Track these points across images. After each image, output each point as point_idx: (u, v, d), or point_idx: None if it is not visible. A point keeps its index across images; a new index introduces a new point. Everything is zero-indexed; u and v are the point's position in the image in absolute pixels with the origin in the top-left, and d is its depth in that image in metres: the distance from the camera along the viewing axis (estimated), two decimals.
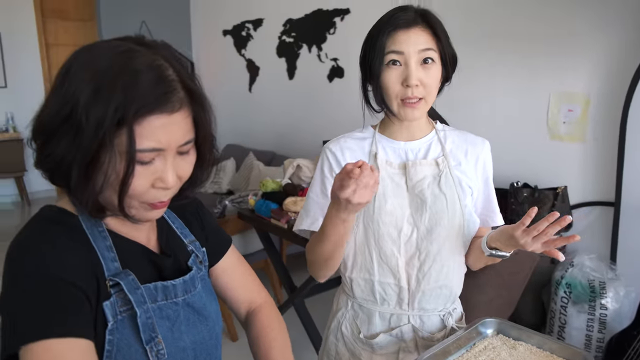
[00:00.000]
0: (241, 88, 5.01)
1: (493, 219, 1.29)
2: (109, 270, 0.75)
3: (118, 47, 0.70)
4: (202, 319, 0.86)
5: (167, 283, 0.81)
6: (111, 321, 0.73)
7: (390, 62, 1.11)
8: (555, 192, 2.58)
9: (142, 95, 0.66)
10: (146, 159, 0.70)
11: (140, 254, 0.82)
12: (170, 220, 0.92)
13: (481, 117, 2.97)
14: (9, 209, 5.90)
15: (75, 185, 0.69)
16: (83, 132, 0.66)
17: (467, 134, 1.27)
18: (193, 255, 0.90)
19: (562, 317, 2.49)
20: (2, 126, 5.82)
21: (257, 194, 2.87)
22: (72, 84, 0.67)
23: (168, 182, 0.72)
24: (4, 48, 5.79)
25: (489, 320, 1.21)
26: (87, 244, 0.75)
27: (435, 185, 1.18)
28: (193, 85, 0.74)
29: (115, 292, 0.74)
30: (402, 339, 1.24)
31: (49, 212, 0.77)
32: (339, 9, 3.84)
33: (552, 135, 2.71)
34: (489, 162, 1.27)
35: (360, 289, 1.24)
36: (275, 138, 4.63)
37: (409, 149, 1.22)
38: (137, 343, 0.75)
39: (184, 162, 0.76)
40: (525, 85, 2.77)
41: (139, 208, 0.75)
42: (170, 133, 0.70)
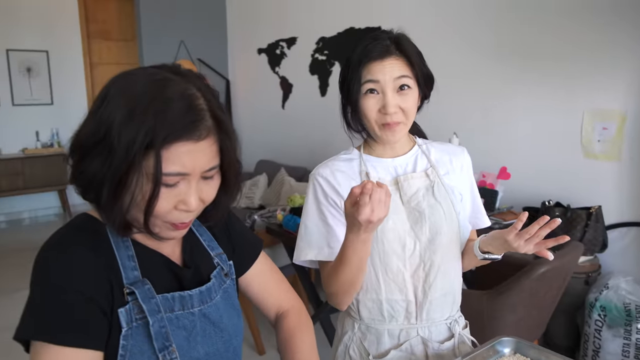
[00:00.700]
0: (274, 105, 5.11)
1: (482, 220, 1.33)
2: (127, 279, 0.78)
3: (154, 75, 0.74)
4: (218, 331, 0.87)
5: (184, 293, 0.83)
6: (125, 327, 0.76)
7: (367, 91, 1.14)
8: (588, 211, 2.51)
9: (172, 123, 0.70)
10: (171, 182, 0.73)
11: (162, 265, 0.85)
12: (198, 233, 0.94)
13: (514, 135, 2.94)
14: (53, 220, 6.16)
15: (104, 202, 0.73)
16: (115, 153, 0.70)
17: (445, 144, 1.31)
18: (218, 268, 0.92)
19: (596, 341, 2.40)
20: (48, 141, 6.08)
21: (285, 209, 2.91)
22: (108, 107, 0.71)
23: (191, 205, 0.76)
24: (52, 67, 6.08)
25: (506, 339, 1.19)
26: (109, 252, 0.79)
27: (430, 195, 1.20)
28: (221, 115, 0.77)
29: (132, 300, 0.77)
30: (412, 352, 1.24)
31: (79, 220, 0.82)
32: (370, 27, 3.89)
33: (586, 153, 2.65)
34: (470, 168, 1.31)
35: (368, 310, 1.24)
36: (307, 154, 4.68)
37: (397, 164, 1.24)
38: (150, 350, 0.77)
39: (208, 187, 0.79)
40: (559, 103, 2.73)
41: (162, 227, 0.78)
42: (196, 159, 0.73)
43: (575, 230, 2.51)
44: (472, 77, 3.07)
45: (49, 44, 6.01)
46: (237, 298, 0.96)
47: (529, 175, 2.86)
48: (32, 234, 5.57)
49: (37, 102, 6.01)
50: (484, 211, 1.34)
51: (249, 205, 4.47)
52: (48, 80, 6.06)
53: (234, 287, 0.96)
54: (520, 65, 2.88)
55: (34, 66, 5.93)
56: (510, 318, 1.98)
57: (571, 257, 2.03)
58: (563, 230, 2.56)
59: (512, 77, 2.92)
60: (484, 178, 2.76)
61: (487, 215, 1.35)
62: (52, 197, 6.35)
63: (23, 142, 5.97)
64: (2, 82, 5.76)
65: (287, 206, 2.87)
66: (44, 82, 6.02)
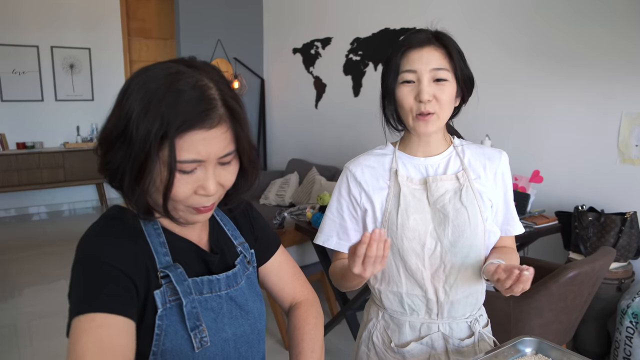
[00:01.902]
0: (308, 104, 5.16)
1: (514, 227, 1.31)
2: (160, 263, 0.84)
3: (169, 69, 0.78)
4: (243, 313, 0.93)
5: (212, 277, 0.89)
6: (160, 308, 0.82)
7: (404, 82, 1.16)
8: (623, 217, 2.46)
9: (184, 113, 0.74)
10: (187, 168, 0.78)
11: (191, 251, 0.91)
12: (222, 222, 1.00)
13: (548, 138, 2.90)
14: (90, 213, 6.38)
15: (127, 189, 0.79)
16: (134, 144, 0.75)
17: (484, 147, 1.29)
18: (241, 256, 0.98)
19: (627, 348, 2.35)
20: (88, 136, 6.29)
21: (315, 207, 2.95)
22: (127, 102, 0.77)
23: (209, 190, 0.80)
24: (93, 64, 6.28)
25: (528, 339, 1.20)
26: (143, 239, 0.85)
27: (456, 199, 1.20)
28: (234, 104, 0.81)
29: (166, 283, 0.83)
30: (433, 346, 1.26)
31: (113, 211, 0.89)
32: (405, 28, 3.90)
33: (623, 158, 2.59)
34: (508, 174, 1.28)
35: (389, 301, 1.28)
36: (339, 154, 4.72)
37: (428, 164, 1.25)
38: (183, 329, 0.83)
39: (226, 172, 0.83)
40: (596, 106, 2.69)
41: (185, 211, 0.83)
42: (210, 146, 0.78)
43: (609, 236, 2.47)
44: (505, 79, 3.05)
45: (91, 41, 6.20)
46: (258, 285, 1.02)
47: (563, 179, 2.82)
48: (71, 225, 5.79)
49: (78, 97, 6.21)
50: (516, 218, 1.32)
51: (280, 203, 4.54)
52: (89, 76, 6.25)
53: (255, 274, 1.02)
54: (555, 68, 2.84)
55: (76, 63, 6.14)
56: (537, 322, 1.97)
57: (603, 263, 2.00)
58: (596, 236, 2.52)
59: (547, 80, 2.88)
60: (515, 181, 2.74)
61: (520, 223, 1.33)
62: (90, 190, 6.57)
63: (64, 136, 6.20)
64: (47, 78, 5.99)
65: (317, 204, 2.91)
66: (85, 78, 6.22)
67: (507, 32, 3.07)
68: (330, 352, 2.97)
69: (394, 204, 1.23)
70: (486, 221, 1.22)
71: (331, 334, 3.04)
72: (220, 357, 0.89)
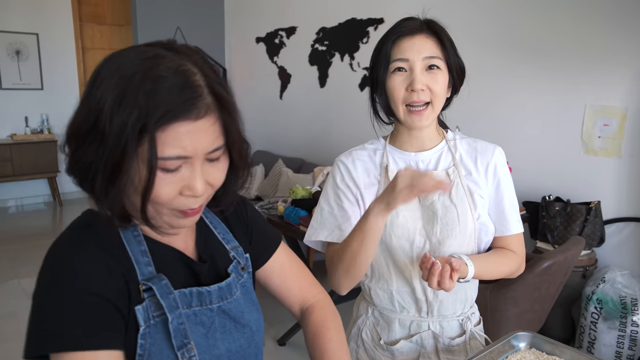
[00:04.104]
0: (272, 95, 5.08)
1: (507, 227, 1.22)
2: (142, 275, 0.75)
3: (145, 52, 0.69)
4: (239, 327, 0.84)
5: (202, 289, 0.80)
6: (143, 325, 0.73)
7: (395, 70, 1.13)
8: (588, 206, 2.55)
9: (165, 102, 0.65)
10: (171, 166, 0.68)
11: (176, 260, 0.81)
12: (212, 225, 0.90)
13: (515, 130, 2.96)
14: (42, 208, 6.06)
15: (99, 191, 0.69)
16: (107, 139, 0.65)
17: (478, 141, 1.24)
18: (235, 262, 0.88)
19: (592, 332, 2.45)
20: (37, 127, 5.97)
21: (287, 201, 2.91)
22: (98, 91, 0.67)
23: (196, 190, 0.71)
24: (42, 51, 5.96)
25: (521, 334, 1.21)
26: (121, 249, 0.75)
27: (446, 196, 1.17)
28: (221, 91, 0.72)
29: (149, 297, 0.74)
30: (422, 345, 1.25)
31: (85, 217, 0.78)
32: (373, 18, 3.88)
33: (586, 149, 2.68)
34: (502, 168, 1.21)
35: (379, 298, 1.26)
36: (305, 145, 4.68)
37: (419, 159, 1.22)
38: (169, 348, 0.74)
39: (214, 169, 0.74)
40: (561, 98, 2.76)
41: (170, 215, 0.74)
42: (197, 140, 0.68)
43: (575, 225, 2.55)
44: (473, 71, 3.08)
45: (39, 26, 5.89)
46: (254, 293, 0.93)
47: (530, 169, 2.89)
48: (21, 222, 5.51)
49: (26, 86, 5.91)
50: (511, 217, 1.22)
51: (245, 196, 4.47)
52: (38, 64, 5.96)
53: (251, 281, 0.93)
54: (522, 61, 2.89)
55: (23, 49, 5.83)
56: (513, 311, 2.01)
57: (574, 252, 2.06)
58: (563, 225, 2.60)
59: (514, 73, 2.93)
60: None
61: (518, 223, 1.23)
62: (41, 184, 6.26)
63: (11, 127, 5.87)
64: None
65: (289, 198, 2.87)
66: (33, 66, 5.92)
67: (476, 25, 3.10)
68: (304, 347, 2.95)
69: None
70: (478, 219, 1.19)
71: None
72: None
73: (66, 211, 5.94)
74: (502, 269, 1.23)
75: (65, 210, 5.96)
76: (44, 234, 5.04)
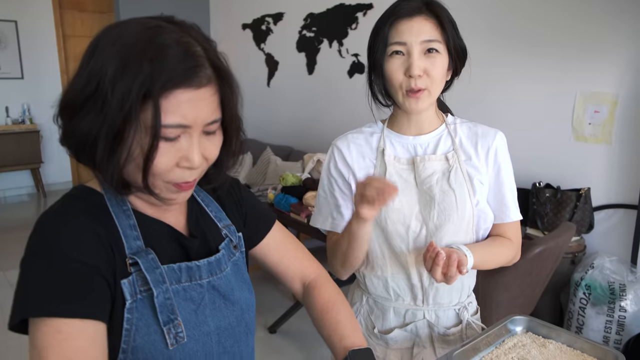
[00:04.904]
0: (259, 82, 5.02)
1: (506, 214, 1.20)
2: (130, 249, 0.74)
3: (147, 23, 0.70)
4: (228, 304, 0.84)
5: (192, 264, 0.80)
6: (129, 300, 0.73)
7: (393, 53, 1.09)
8: (578, 193, 2.56)
9: (169, 69, 0.66)
10: (171, 135, 0.69)
11: (167, 235, 0.81)
12: (204, 203, 0.90)
13: (505, 115, 2.96)
14: (25, 200, 5.95)
15: (100, 160, 0.69)
16: (109, 105, 0.66)
17: (479, 125, 1.22)
18: (227, 240, 0.88)
19: (580, 318, 2.47)
20: (19, 117, 5.84)
21: (277, 188, 2.88)
22: (99, 58, 0.67)
23: (194, 162, 0.72)
24: (21, 39, 5.82)
25: (518, 318, 1.20)
26: (110, 222, 0.75)
27: (444, 181, 1.15)
28: (220, 64, 0.74)
29: (136, 271, 0.74)
30: (417, 334, 1.23)
31: (76, 190, 0.78)
32: (361, 3, 3.83)
33: (576, 136, 2.69)
34: (502, 153, 1.19)
35: (374, 285, 1.24)
36: (294, 133, 4.64)
37: (417, 143, 1.19)
38: (155, 324, 0.74)
39: (210, 143, 0.75)
40: (552, 85, 2.75)
41: (164, 189, 0.74)
42: (197, 109, 0.70)
43: (565, 212, 2.56)
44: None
45: (17, 13, 5.76)
46: (247, 272, 0.92)
47: (520, 156, 2.89)
48: (4, 214, 5.41)
49: (6, 75, 5.79)
50: (511, 204, 1.20)
51: None
52: (17, 52, 5.84)
53: (243, 260, 0.92)
54: (513, 48, 2.88)
55: (1, 37, 5.71)
56: (504, 296, 2.02)
57: (565, 238, 2.07)
58: (553, 212, 2.61)
59: (504, 60, 2.92)
60: None
61: (516, 210, 1.21)
62: (24, 175, 6.15)
63: None
64: None
65: (279, 185, 2.84)
66: (13, 54, 5.80)
67: (465, 13, 3.07)
68: (294, 335, 2.94)
69: None
70: (477, 206, 1.17)
71: (295, 317, 3.01)
72: (202, 353, 0.79)
73: (50, 202, 5.74)
74: (499, 259, 1.21)
75: (50, 202, 5.80)
76: (27, 226, 4.78)
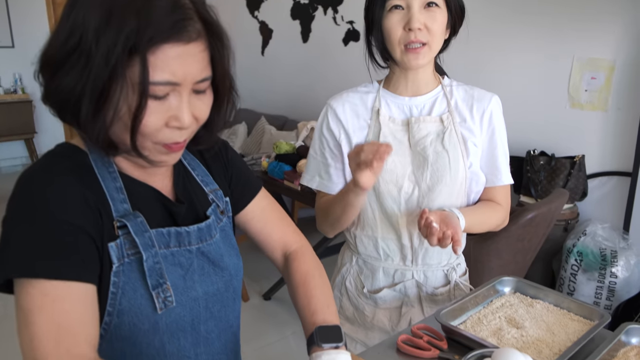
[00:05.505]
0: (253, 51, 4.95)
1: (498, 177, 1.21)
2: (117, 212, 0.72)
3: None
4: (217, 270, 0.83)
5: (181, 229, 0.78)
6: (116, 263, 0.71)
7: (392, 8, 1.08)
8: (572, 160, 2.56)
9: (157, 22, 0.63)
10: (160, 93, 0.66)
11: (153, 199, 0.79)
12: (190, 167, 0.88)
13: (501, 83, 2.92)
14: (19, 171, 5.82)
15: (84, 118, 0.66)
16: (93, 61, 0.62)
17: (475, 88, 1.22)
18: (213, 205, 0.86)
19: (571, 284, 2.50)
20: (11, 87, 5.75)
21: (270, 156, 2.86)
22: (81, 10, 0.64)
23: (183, 121, 0.69)
24: (10, 6, 5.68)
25: (506, 279, 1.21)
26: (95, 183, 0.72)
27: (438, 142, 1.15)
28: (210, 17, 0.70)
29: (123, 234, 0.72)
30: (406, 294, 1.25)
31: (60, 147, 0.75)
32: None
33: (572, 103, 2.66)
34: (497, 117, 1.19)
35: (364, 245, 1.25)
36: (288, 102, 4.59)
37: (413, 104, 1.19)
38: (143, 288, 0.72)
39: (200, 102, 0.72)
40: (548, 51, 2.71)
41: (153, 150, 0.71)
42: (186, 65, 0.66)
43: (559, 179, 2.56)
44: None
45: None
46: (234, 237, 0.91)
47: (515, 125, 2.87)
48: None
49: None
50: (503, 167, 1.21)
51: None
52: (7, 20, 5.70)
53: (230, 225, 0.91)
54: (509, 15, 2.83)
55: None
56: (496, 263, 2.03)
57: (557, 204, 2.07)
58: (547, 179, 2.61)
59: (501, 27, 2.87)
60: None
61: (508, 174, 1.22)
62: (18, 146, 6.09)
63: None
64: None
65: (273, 152, 2.83)
66: (2, 22, 5.67)
67: None
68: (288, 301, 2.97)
69: None
70: (470, 168, 1.17)
71: None
72: (188, 318, 0.78)
73: None
74: (489, 222, 1.23)
75: None
76: None
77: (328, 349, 0.80)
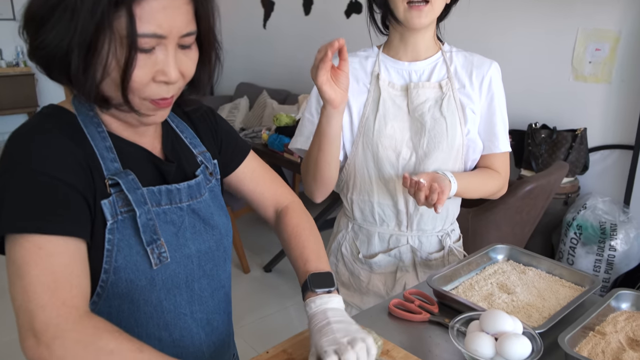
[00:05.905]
0: (255, 24, 4.88)
1: (495, 144, 1.20)
2: (108, 170, 0.73)
3: None
4: (208, 228, 0.84)
5: (172, 187, 0.79)
6: (110, 220, 0.72)
7: None
8: (574, 133, 2.54)
9: None
10: (146, 45, 0.66)
11: (143, 158, 0.79)
12: (179, 129, 0.88)
13: (501, 53, 2.88)
14: None
15: (74, 73, 0.66)
16: (79, 14, 0.62)
17: (475, 55, 1.22)
18: (202, 166, 0.87)
19: (570, 257, 2.51)
20: (13, 60, 5.74)
21: (271, 129, 2.86)
22: None
23: (170, 75, 0.69)
24: None
25: (499, 247, 1.22)
26: (85, 143, 0.73)
27: (436, 108, 1.15)
28: None
29: (115, 192, 0.73)
30: (400, 259, 1.26)
31: (47, 109, 0.75)
32: None
33: (576, 75, 2.63)
34: (497, 83, 1.19)
35: (360, 210, 1.26)
36: (290, 76, 4.55)
37: (412, 70, 1.19)
38: (138, 244, 0.74)
39: (186, 58, 0.73)
40: (552, 20, 2.67)
41: (141, 107, 0.72)
42: (172, 18, 0.67)
43: (560, 152, 2.55)
44: None
45: None
46: (222, 199, 0.93)
47: (517, 98, 2.85)
48: None
49: None
50: (501, 135, 1.20)
51: None
52: None
53: (219, 187, 0.93)
54: None
55: None
56: (494, 235, 2.04)
57: (557, 176, 2.06)
58: (548, 153, 2.59)
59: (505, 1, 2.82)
60: None
61: (506, 141, 1.21)
62: (21, 119, 6.08)
63: None
64: None
65: (273, 125, 2.82)
66: None
67: None
68: (288, 273, 3.00)
69: (373, 110, 1.18)
70: (467, 135, 1.17)
71: None
72: (183, 275, 0.80)
73: None
74: (484, 188, 1.23)
75: None
76: None
77: (321, 293, 0.83)
